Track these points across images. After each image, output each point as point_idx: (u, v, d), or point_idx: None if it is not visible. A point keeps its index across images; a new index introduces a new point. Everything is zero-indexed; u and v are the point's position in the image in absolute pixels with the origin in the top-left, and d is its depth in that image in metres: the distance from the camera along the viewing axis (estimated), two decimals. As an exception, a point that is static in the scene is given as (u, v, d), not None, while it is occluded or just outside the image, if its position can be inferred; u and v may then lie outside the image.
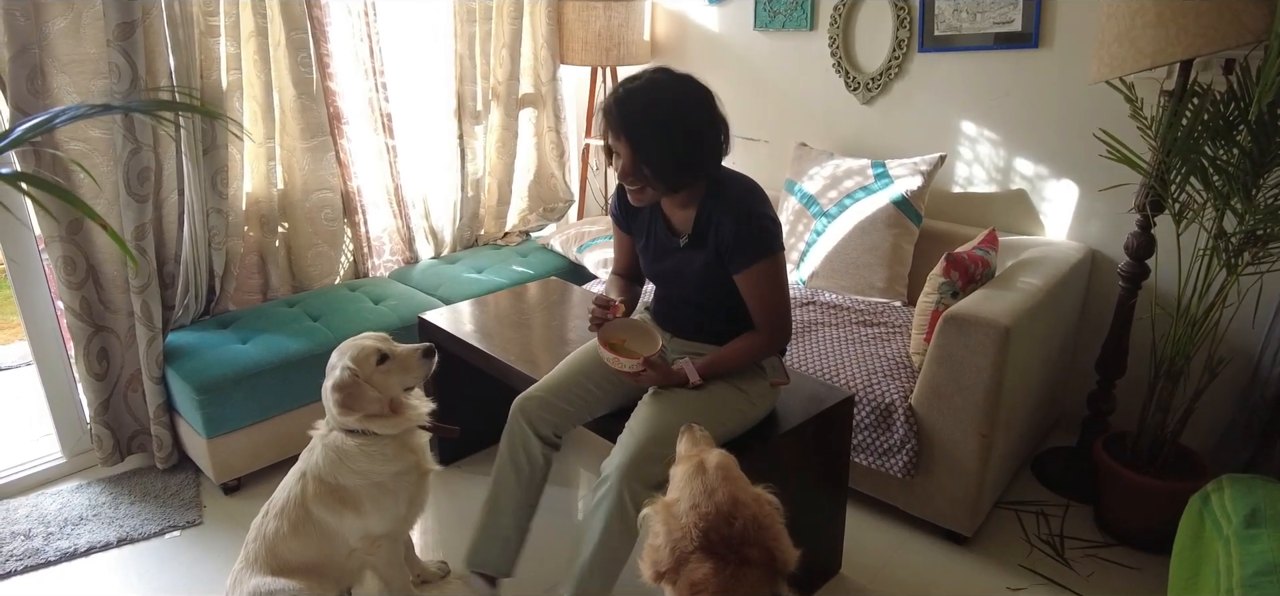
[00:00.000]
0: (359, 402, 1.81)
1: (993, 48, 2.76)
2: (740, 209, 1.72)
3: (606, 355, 1.75)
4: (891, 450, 2.28)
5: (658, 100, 1.66)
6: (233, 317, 2.82)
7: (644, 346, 1.81)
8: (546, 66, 3.61)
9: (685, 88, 1.69)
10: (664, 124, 1.65)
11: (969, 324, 2.10)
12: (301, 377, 2.60)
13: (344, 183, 3.11)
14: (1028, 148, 2.78)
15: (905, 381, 2.32)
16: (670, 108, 1.66)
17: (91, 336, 2.52)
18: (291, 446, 2.65)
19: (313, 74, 2.89)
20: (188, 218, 2.61)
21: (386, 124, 3.17)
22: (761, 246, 1.72)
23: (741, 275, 1.74)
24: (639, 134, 1.65)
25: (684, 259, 1.83)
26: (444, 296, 3.09)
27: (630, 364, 1.73)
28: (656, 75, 1.69)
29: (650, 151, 1.66)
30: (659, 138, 1.65)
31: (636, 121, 1.65)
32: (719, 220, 1.74)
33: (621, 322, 1.86)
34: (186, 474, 2.68)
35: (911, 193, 2.79)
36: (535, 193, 3.81)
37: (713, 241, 1.76)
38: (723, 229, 1.73)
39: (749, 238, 1.71)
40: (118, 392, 2.63)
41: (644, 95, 1.66)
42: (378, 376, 1.84)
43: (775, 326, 1.79)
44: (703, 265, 1.79)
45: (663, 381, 1.81)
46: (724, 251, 1.74)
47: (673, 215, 1.85)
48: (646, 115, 1.65)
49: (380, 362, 1.84)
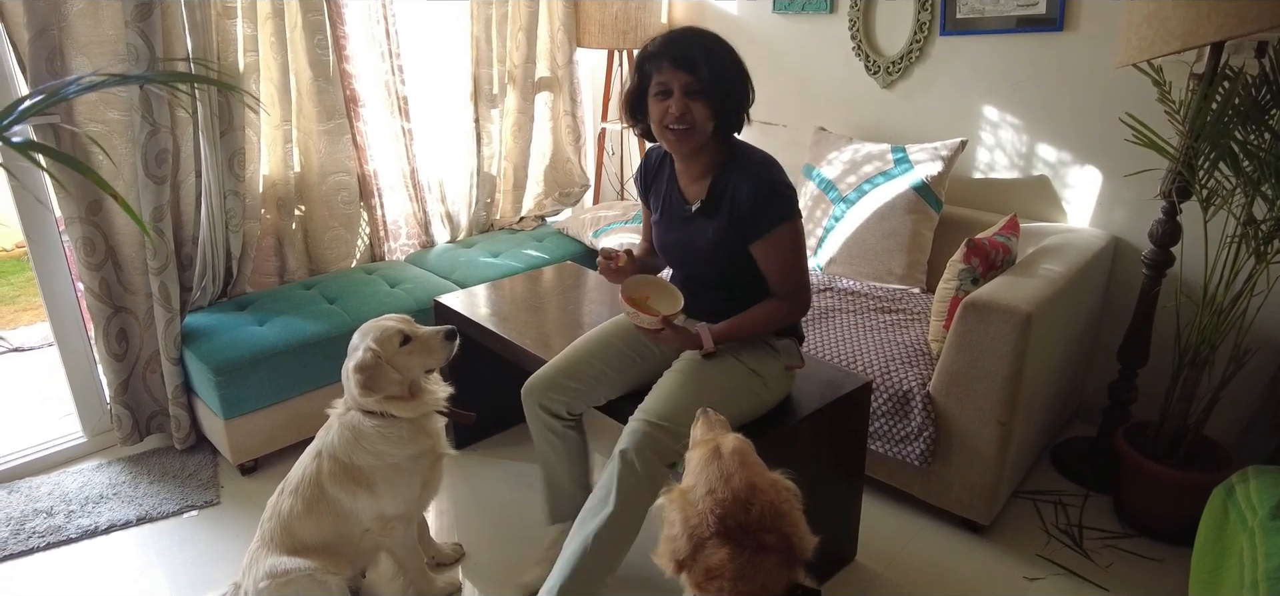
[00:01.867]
0: (380, 384, 1.81)
1: (1016, 31, 2.71)
2: (759, 175, 1.73)
3: (628, 309, 1.76)
4: (908, 437, 2.26)
5: (720, 41, 1.73)
6: (249, 299, 2.83)
7: (666, 305, 1.82)
8: (563, 50, 3.59)
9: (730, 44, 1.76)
10: (726, 63, 1.71)
11: (989, 310, 2.07)
12: (318, 360, 2.61)
13: (360, 166, 3.11)
14: (1050, 133, 2.73)
15: (923, 368, 2.29)
16: (731, 50, 1.73)
17: (111, 317, 2.54)
18: (308, 428, 2.65)
19: (329, 56, 2.89)
20: (205, 199, 2.62)
21: (403, 107, 3.17)
22: (780, 210, 1.72)
23: (761, 242, 1.74)
24: (705, 66, 1.67)
25: (695, 228, 1.82)
26: (460, 280, 3.08)
27: (650, 321, 1.73)
28: (699, 27, 1.76)
29: (712, 86, 1.68)
30: (721, 75, 1.69)
31: (703, 54, 1.68)
32: (736, 188, 1.74)
33: (647, 280, 1.88)
34: (204, 454, 2.70)
35: (932, 178, 2.76)
36: (551, 177, 3.79)
37: (728, 209, 1.75)
38: (740, 196, 1.73)
39: (767, 202, 1.71)
40: (137, 373, 2.65)
41: (708, 35, 1.73)
42: (400, 358, 1.84)
43: (795, 294, 1.79)
44: (714, 235, 1.79)
45: (679, 342, 1.80)
46: (741, 219, 1.73)
47: (687, 186, 1.85)
48: (714, 50, 1.71)
49: (402, 344, 1.84)
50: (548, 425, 1.97)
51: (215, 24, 2.55)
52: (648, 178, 1.98)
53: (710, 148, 1.77)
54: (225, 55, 2.61)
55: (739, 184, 1.73)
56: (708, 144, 1.76)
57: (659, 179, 1.94)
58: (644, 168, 1.99)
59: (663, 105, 1.71)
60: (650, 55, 1.73)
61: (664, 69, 1.70)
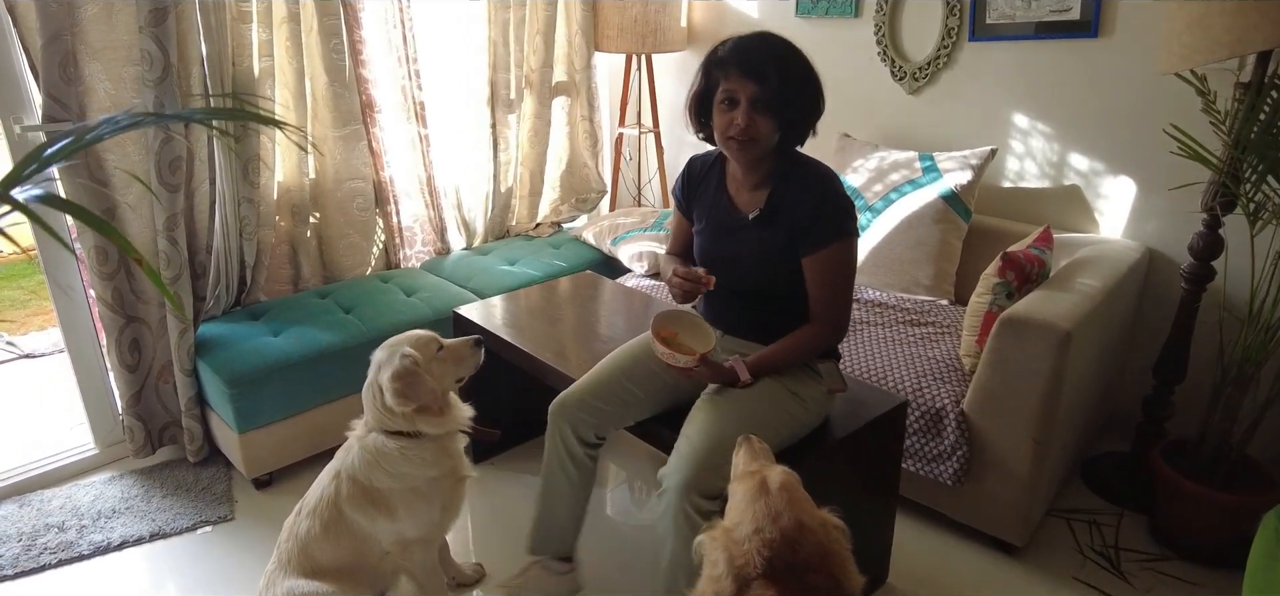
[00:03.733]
0: (418, 392, 1.76)
1: (1048, 36, 2.65)
2: (822, 188, 1.68)
3: (660, 350, 1.69)
4: (941, 456, 2.20)
5: (794, 52, 1.66)
6: (264, 309, 2.78)
7: (696, 341, 1.75)
8: (581, 53, 3.53)
9: (803, 52, 1.69)
10: (799, 76, 1.65)
11: (1027, 327, 2.01)
12: (334, 371, 2.56)
13: (376, 172, 3.06)
14: (1083, 142, 2.66)
15: (956, 385, 2.23)
16: (805, 62, 1.66)
17: (123, 327, 2.49)
18: (324, 440, 2.62)
19: (345, 61, 2.83)
20: (219, 207, 2.58)
21: (419, 112, 3.11)
22: (840, 227, 1.67)
23: (814, 257, 1.68)
24: (775, 77, 1.60)
25: (749, 238, 1.76)
26: (476, 289, 3.03)
27: (684, 359, 1.67)
28: (772, 33, 1.68)
29: (781, 99, 1.61)
30: (792, 88, 1.62)
31: (776, 64, 1.61)
32: (797, 198, 1.68)
33: (672, 314, 1.80)
34: (218, 467, 2.65)
35: (961, 187, 2.69)
36: (567, 183, 3.74)
37: (787, 221, 1.70)
38: (801, 207, 1.67)
39: (828, 216, 1.66)
40: (149, 384, 2.61)
41: (782, 44, 1.66)
42: (436, 366, 1.79)
43: (834, 318, 1.73)
44: (769, 246, 1.73)
45: (713, 378, 1.75)
46: (798, 231, 1.68)
47: (739, 195, 1.79)
48: (788, 60, 1.63)
49: (439, 351, 1.80)
50: (569, 450, 1.91)
51: (230, 28, 2.50)
52: (690, 188, 1.91)
53: (769, 157, 1.72)
54: (240, 60, 2.56)
55: (800, 195, 1.68)
56: (768, 154, 1.70)
57: (704, 189, 1.87)
58: (686, 179, 1.92)
59: (728, 115, 1.65)
60: (719, 60, 1.67)
61: (732, 77, 1.63)
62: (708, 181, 1.87)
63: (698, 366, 1.68)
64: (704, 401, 1.75)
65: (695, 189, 1.90)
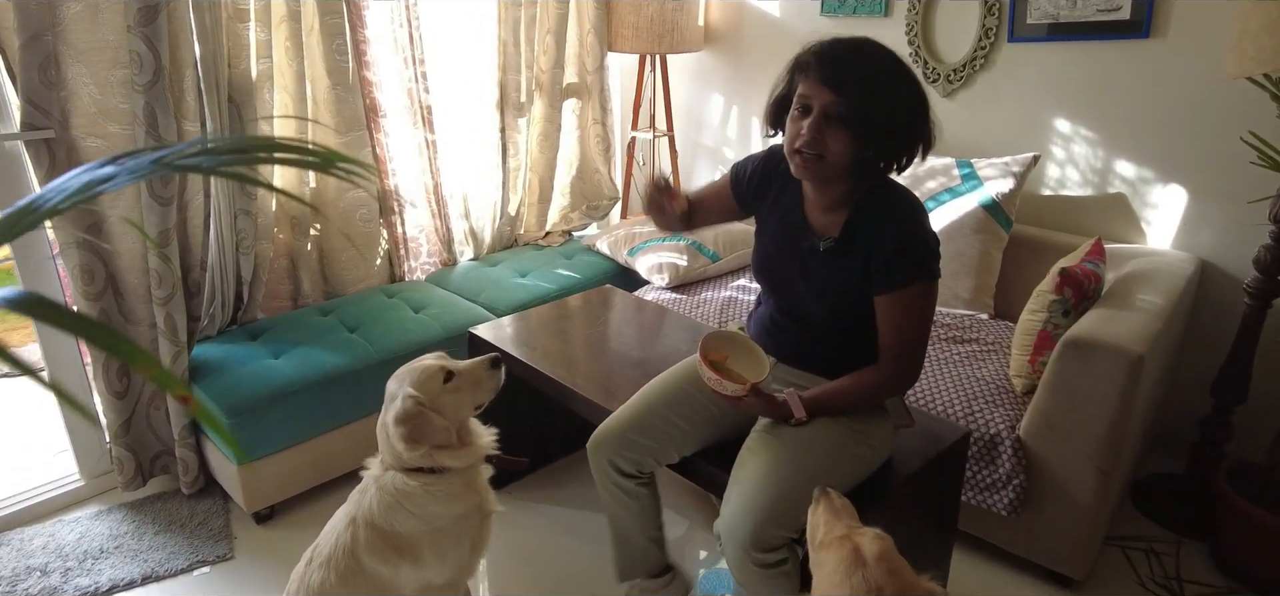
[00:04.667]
0: (426, 433, 1.59)
1: (1094, 37, 2.51)
2: (909, 221, 1.49)
3: (708, 374, 1.52)
4: (996, 485, 2.06)
5: (893, 63, 1.44)
6: (262, 327, 2.60)
7: (748, 367, 1.59)
8: (593, 54, 3.36)
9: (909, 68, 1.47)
10: (890, 93, 1.43)
11: (1094, 350, 1.87)
12: (340, 396, 2.38)
13: (381, 180, 2.88)
14: (1131, 148, 2.53)
15: (1010, 409, 2.09)
16: (904, 78, 1.44)
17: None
18: (330, 470, 2.45)
19: (348, 62, 2.66)
20: (214, 220, 2.39)
21: (426, 117, 2.94)
22: (923, 266, 1.49)
23: (890, 295, 1.50)
24: (856, 89, 1.40)
25: (819, 265, 1.59)
26: (487, 303, 2.86)
27: (733, 388, 1.51)
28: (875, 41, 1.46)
29: (859, 116, 1.40)
30: (884, 103, 1.41)
31: (861, 75, 1.41)
32: (880, 229, 1.50)
33: (724, 337, 1.63)
34: (214, 499, 2.47)
35: (1002, 195, 2.55)
36: (578, 189, 3.57)
37: (863, 253, 1.52)
38: (884, 239, 1.49)
39: (913, 253, 1.48)
40: (139, 411, 2.42)
41: (880, 52, 1.44)
42: (445, 398, 1.62)
43: (904, 363, 1.55)
44: (841, 277, 1.56)
45: (765, 412, 1.59)
46: (876, 264, 1.50)
47: (815, 213, 1.60)
48: (877, 73, 1.42)
49: (445, 382, 1.62)
50: (617, 483, 1.76)
51: (226, 28, 2.32)
52: (764, 180, 1.68)
53: (846, 180, 1.52)
54: (237, 62, 2.38)
55: (883, 226, 1.49)
56: (842, 176, 1.51)
57: (781, 191, 1.66)
58: (764, 166, 1.69)
59: (798, 124, 1.45)
60: (802, 62, 1.47)
61: (810, 80, 1.44)
62: (788, 186, 1.65)
63: (748, 396, 1.52)
64: (758, 441, 1.59)
65: (769, 185, 1.68)
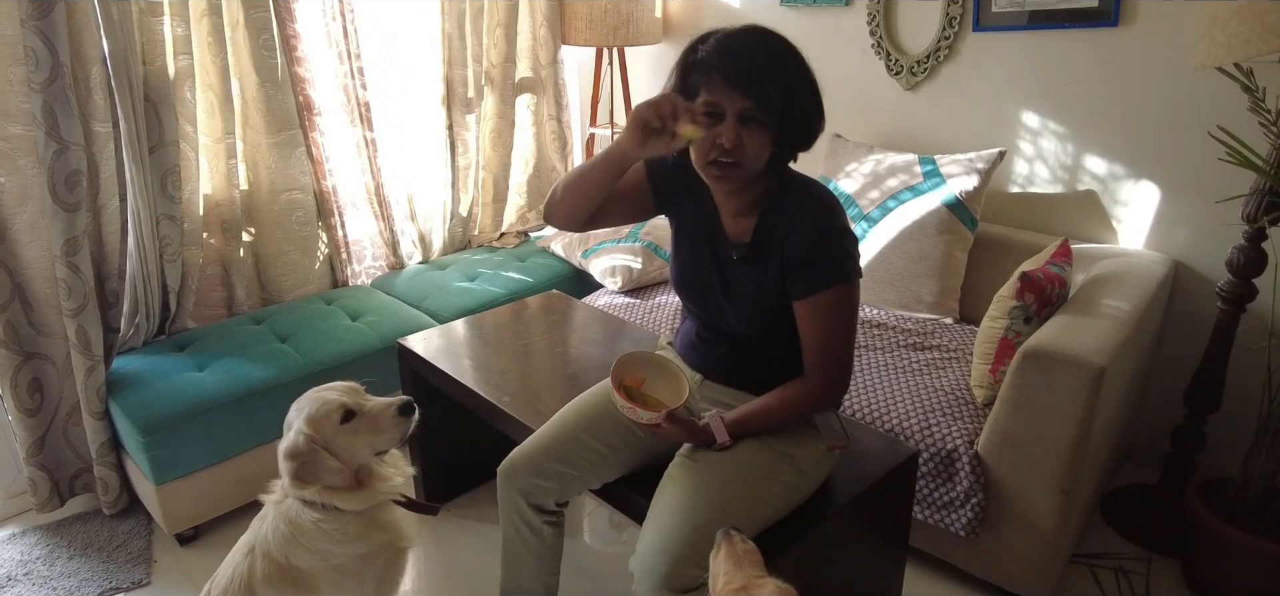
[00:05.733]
0: (315, 473, 1.48)
1: (1061, 26, 2.39)
2: (821, 221, 1.37)
3: (621, 402, 1.39)
4: (953, 504, 1.94)
5: (792, 52, 1.34)
6: (191, 338, 2.47)
7: (667, 390, 1.46)
8: (547, 47, 3.23)
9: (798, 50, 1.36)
10: (800, 83, 1.34)
11: (1054, 362, 1.75)
12: (266, 411, 2.26)
13: (317, 181, 2.75)
14: (1101, 142, 2.41)
15: (968, 422, 1.97)
16: (804, 63, 1.35)
17: (20, 366, 2.17)
18: (257, 488, 2.26)
19: (277, 58, 2.52)
20: (133, 226, 2.26)
21: (365, 114, 2.80)
22: (840, 269, 1.37)
23: (807, 302, 1.39)
24: (775, 87, 1.29)
25: (735, 274, 1.47)
26: (431, 309, 2.73)
27: (648, 416, 1.38)
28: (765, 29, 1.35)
29: (779, 113, 1.30)
30: (796, 95, 1.32)
31: (774, 72, 1.30)
32: (790, 230, 1.38)
33: (640, 357, 1.49)
34: (137, 520, 2.34)
35: (966, 193, 2.43)
36: (534, 188, 3.44)
37: (778, 256, 1.40)
38: (795, 241, 1.37)
39: (827, 256, 1.36)
40: (55, 428, 2.29)
41: (778, 42, 1.33)
42: (341, 438, 1.50)
43: (832, 373, 1.42)
44: (759, 285, 1.43)
45: (686, 438, 1.46)
46: (791, 269, 1.38)
47: (728, 220, 1.48)
48: (787, 65, 1.32)
49: (345, 421, 1.50)
50: (524, 518, 1.62)
51: (138, 22, 2.18)
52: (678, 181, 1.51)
53: (759, 178, 1.40)
54: (152, 59, 2.24)
55: (793, 226, 1.38)
56: (757, 178, 1.40)
57: (692, 195, 1.51)
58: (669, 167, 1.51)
59: (710, 133, 1.32)
60: (700, 62, 1.33)
61: (716, 85, 1.30)
62: (700, 189, 1.50)
63: (665, 423, 1.39)
64: (678, 469, 1.46)
65: (685, 186, 1.51)
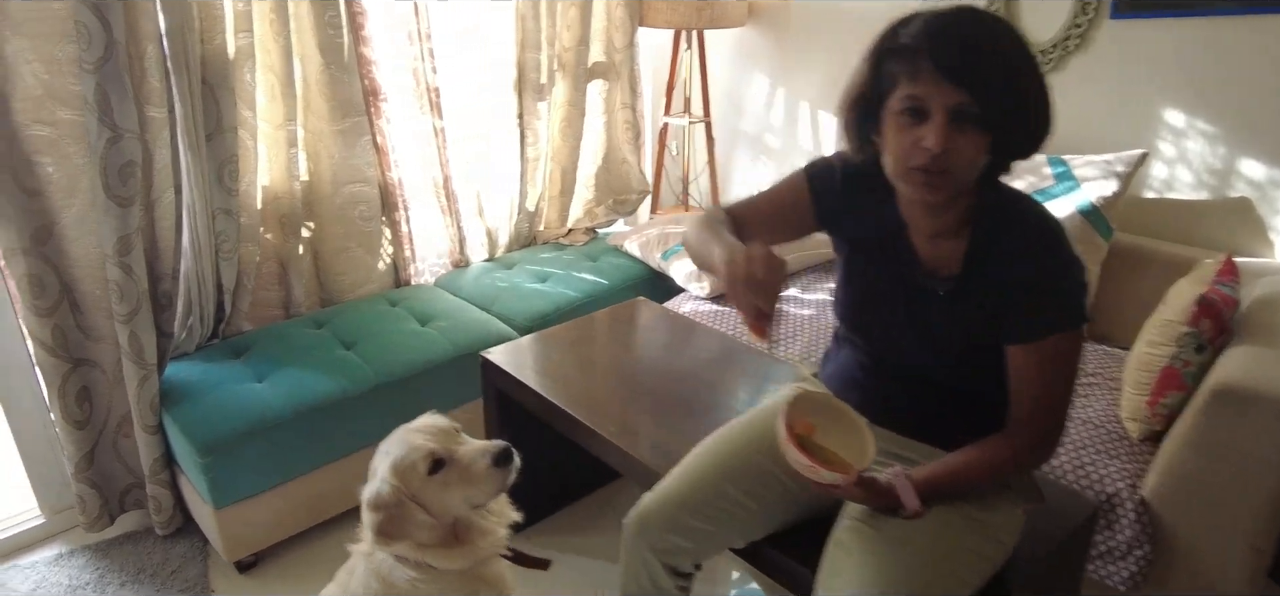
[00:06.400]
0: (403, 528, 1.27)
1: (1220, 12, 2.12)
2: (1049, 253, 1.14)
3: (795, 456, 1.14)
4: (1114, 554, 1.71)
5: (1014, 37, 1.09)
6: (247, 342, 2.27)
7: (842, 440, 1.21)
8: (623, 29, 2.98)
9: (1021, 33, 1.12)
10: (1025, 75, 1.09)
11: (1254, 402, 1.51)
12: (333, 427, 2.06)
13: (382, 173, 2.53)
14: (1258, 144, 2.15)
15: (1126, 461, 1.74)
16: (1028, 51, 1.10)
17: (68, 374, 1.98)
18: (322, 510, 2.13)
19: (344, 37, 2.30)
20: (188, 221, 2.06)
21: (434, 101, 2.58)
22: (1068, 312, 1.14)
23: (1028, 347, 1.16)
24: (998, 79, 1.05)
25: (932, 309, 1.24)
26: (503, 313, 2.52)
27: (831, 476, 1.14)
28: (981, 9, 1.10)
29: (1001, 112, 1.06)
30: (1016, 94, 1.07)
31: (995, 61, 1.06)
32: (1007, 261, 1.15)
33: (811, 398, 1.24)
34: (192, 541, 2.15)
35: (1103, 200, 2.19)
36: (603, 181, 3.21)
37: (995, 292, 1.17)
38: (1017, 276, 1.14)
39: (1055, 296, 1.13)
40: (105, 439, 2.10)
41: (997, 25, 1.09)
42: (431, 491, 1.29)
43: (1043, 433, 1.20)
44: (965, 324, 1.21)
45: (870, 503, 1.23)
46: (1010, 307, 1.15)
47: (923, 241, 1.24)
48: (1009, 53, 1.08)
49: (434, 470, 1.29)
50: (655, 582, 1.39)
51: (197, -3, 1.98)
52: (845, 196, 1.31)
53: (968, 195, 1.17)
54: (211, 37, 2.03)
55: (1013, 258, 1.15)
56: (966, 192, 1.16)
57: (866, 210, 1.28)
58: (842, 177, 1.30)
59: (912, 133, 1.09)
60: (903, 48, 1.10)
61: (922, 75, 1.07)
62: (878, 204, 1.27)
63: (850, 485, 1.17)
64: (852, 537, 1.23)
65: (852, 201, 1.29)
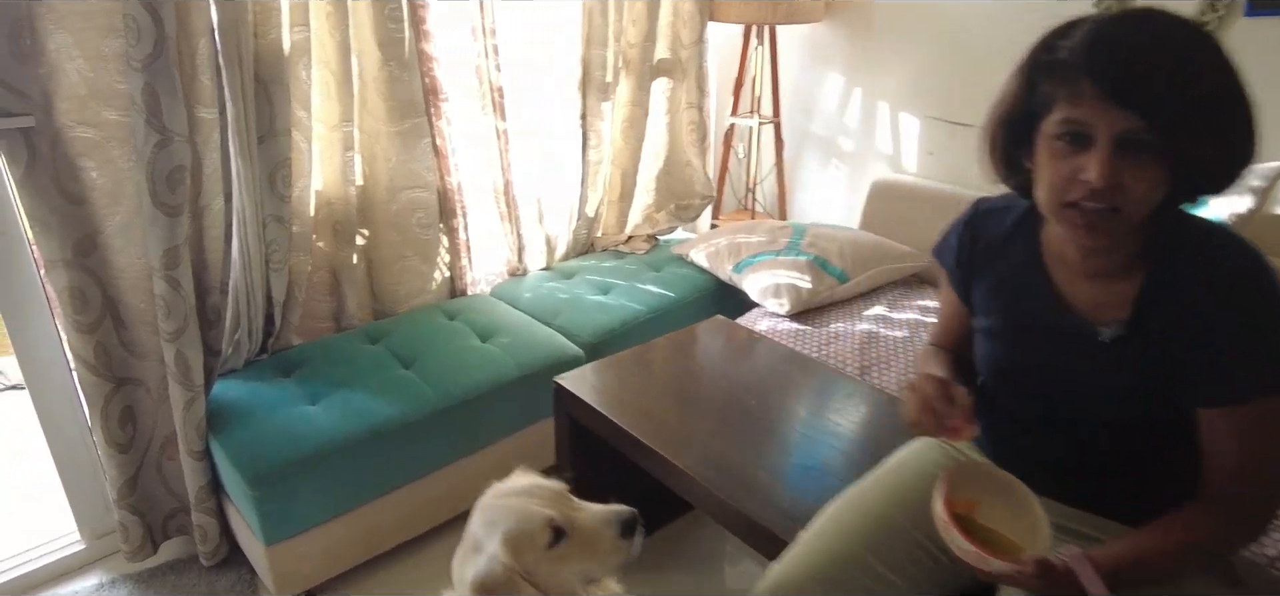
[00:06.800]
0: None
1: (1379, 8, 1.90)
2: (1243, 298, 0.93)
3: (960, 544, 0.96)
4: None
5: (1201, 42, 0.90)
6: (298, 359, 2.12)
7: (1008, 517, 1.03)
8: (691, 24, 2.79)
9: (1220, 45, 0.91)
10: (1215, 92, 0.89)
11: None
12: (392, 454, 1.91)
13: (441, 177, 2.37)
14: None
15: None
16: (1222, 59, 0.90)
17: (111, 395, 1.84)
18: (378, 544, 1.98)
19: (404, 32, 2.13)
20: (237, 230, 1.91)
21: (497, 100, 2.41)
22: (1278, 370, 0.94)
23: (1225, 411, 0.96)
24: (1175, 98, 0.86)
25: (1094, 358, 1.04)
26: (566, 328, 2.35)
27: (1002, 566, 0.96)
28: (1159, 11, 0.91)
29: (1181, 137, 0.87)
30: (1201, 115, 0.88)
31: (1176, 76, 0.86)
32: (1199, 306, 0.95)
33: (969, 469, 1.07)
34: (239, 572, 2.01)
35: (1236, 217, 1.97)
36: (664, 185, 3.03)
37: (1175, 339, 0.97)
38: (1210, 323, 0.94)
39: (1262, 351, 0.93)
40: (148, 463, 1.96)
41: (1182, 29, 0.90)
42: (547, 566, 1.11)
43: (1251, 503, 0.99)
44: (1135, 375, 1.01)
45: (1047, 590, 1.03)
46: (1194, 361, 0.96)
47: (1074, 285, 1.06)
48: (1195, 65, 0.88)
49: (553, 544, 1.11)
50: None
51: (253, -12, 1.82)
52: (974, 250, 1.19)
53: (1140, 233, 0.98)
54: (265, 31, 1.87)
55: (1204, 302, 0.95)
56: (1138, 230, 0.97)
57: (1000, 259, 1.15)
58: (967, 231, 1.20)
59: (1071, 162, 0.92)
60: (1060, 64, 0.92)
61: (1084, 96, 0.90)
62: (1009, 248, 1.14)
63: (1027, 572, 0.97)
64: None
65: (984, 255, 1.18)
